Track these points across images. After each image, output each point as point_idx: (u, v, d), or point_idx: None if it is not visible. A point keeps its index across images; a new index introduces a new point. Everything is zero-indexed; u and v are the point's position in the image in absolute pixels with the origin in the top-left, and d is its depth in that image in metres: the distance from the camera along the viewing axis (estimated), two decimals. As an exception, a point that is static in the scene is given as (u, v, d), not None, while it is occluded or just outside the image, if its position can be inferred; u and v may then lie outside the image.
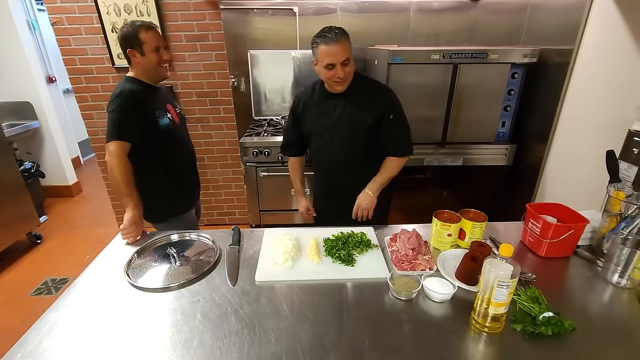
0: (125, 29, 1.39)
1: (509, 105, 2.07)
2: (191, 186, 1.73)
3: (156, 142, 1.47)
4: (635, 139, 1.24)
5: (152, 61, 1.42)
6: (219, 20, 2.44)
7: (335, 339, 0.83)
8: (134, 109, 1.38)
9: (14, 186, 2.62)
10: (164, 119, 1.48)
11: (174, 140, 1.55)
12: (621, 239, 0.99)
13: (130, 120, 1.37)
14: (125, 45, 1.40)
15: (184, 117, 1.72)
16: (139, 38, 1.38)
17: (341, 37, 1.31)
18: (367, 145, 1.49)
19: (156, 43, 1.42)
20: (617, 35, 1.44)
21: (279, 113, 2.76)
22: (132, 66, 1.46)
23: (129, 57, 1.42)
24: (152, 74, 1.47)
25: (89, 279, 1.07)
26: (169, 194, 1.59)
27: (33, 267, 2.57)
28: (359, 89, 1.44)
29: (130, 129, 1.37)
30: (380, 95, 1.46)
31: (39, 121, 3.32)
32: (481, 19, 2.57)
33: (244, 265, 1.11)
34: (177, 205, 1.63)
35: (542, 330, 0.81)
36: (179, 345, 0.81)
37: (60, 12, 2.35)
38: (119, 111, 1.36)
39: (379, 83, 1.52)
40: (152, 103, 1.47)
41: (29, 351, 0.81)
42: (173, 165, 1.58)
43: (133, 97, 1.39)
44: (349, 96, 1.44)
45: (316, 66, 1.38)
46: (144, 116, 1.42)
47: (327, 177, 1.66)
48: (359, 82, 1.44)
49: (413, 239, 1.11)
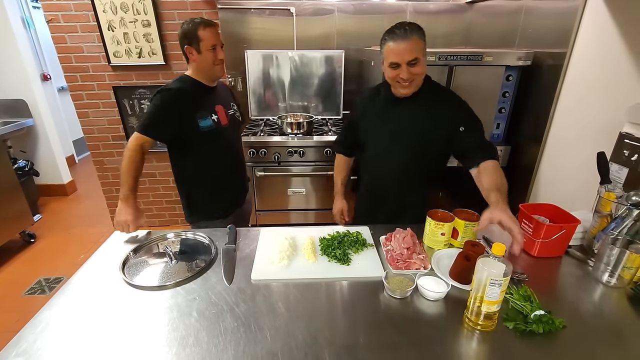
0: (185, 25, 1.38)
1: (504, 107, 2.09)
2: (233, 191, 1.68)
3: (196, 143, 1.45)
4: (625, 141, 1.26)
5: (208, 60, 1.40)
6: (216, 19, 2.44)
7: (330, 336, 0.83)
8: (172, 107, 1.37)
9: (7, 185, 2.59)
10: (207, 120, 1.44)
11: (217, 143, 1.51)
12: (611, 239, 1.01)
13: (163, 117, 1.37)
14: (184, 42, 1.39)
15: (238, 120, 1.66)
16: (197, 35, 1.36)
17: (412, 33, 1.15)
18: (428, 161, 1.36)
19: (213, 41, 1.38)
20: (609, 39, 1.47)
21: (275, 113, 2.77)
22: (189, 64, 1.44)
23: (186, 54, 1.41)
24: (207, 72, 1.44)
25: (84, 277, 1.07)
26: (208, 197, 1.57)
27: (27, 266, 2.55)
28: (432, 96, 1.30)
29: (158, 126, 1.37)
30: (455, 109, 1.30)
31: (34, 119, 3.30)
32: (476, 21, 2.60)
33: (240, 264, 1.11)
34: (215, 210, 1.59)
35: (534, 328, 0.83)
36: (175, 343, 0.82)
37: (56, 10, 2.34)
38: (155, 105, 1.36)
39: (454, 94, 1.35)
40: (200, 103, 1.44)
41: (24, 349, 0.80)
42: (214, 167, 1.54)
43: (177, 94, 1.38)
44: (418, 102, 1.28)
45: (382, 65, 1.26)
46: (184, 116, 1.39)
47: (376, 190, 1.47)
48: (430, 88, 1.31)
49: (408, 238, 1.13)
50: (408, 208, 1.40)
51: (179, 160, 1.53)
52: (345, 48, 2.59)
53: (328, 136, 2.34)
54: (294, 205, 2.50)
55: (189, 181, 1.56)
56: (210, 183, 1.56)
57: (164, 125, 1.38)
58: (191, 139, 1.44)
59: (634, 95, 1.35)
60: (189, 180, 1.55)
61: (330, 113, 2.80)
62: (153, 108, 1.37)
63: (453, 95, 1.35)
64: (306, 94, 2.75)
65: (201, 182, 1.55)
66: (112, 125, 2.65)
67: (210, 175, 1.55)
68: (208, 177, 1.55)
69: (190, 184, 1.56)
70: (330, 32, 2.64)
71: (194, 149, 1.47)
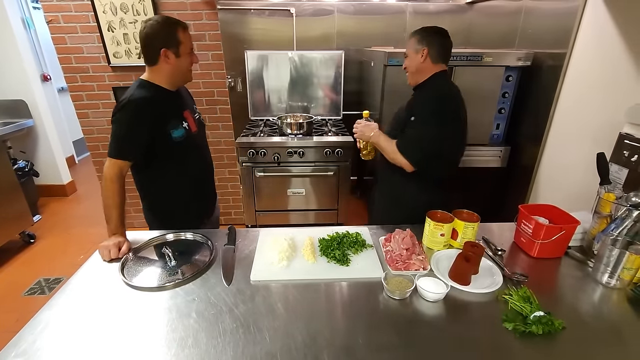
0: (156, 25, 1.22)
1: (504, 107, 2.09)
2: (203, 200, 1.56)
3: (167, 154, 1.33)
4: (625, 142, 1.26)
5: (187, 64, 1.29)
6: (215, 20, 2.44)
7: (329, 337, 0.83)
8: (142, 120, 1.22)
9: (7, 185, 2.59)
10: (179, 129, 1.32)
11: (187, 151, 1.38)
12: (611, 240, 1.01)
13: (134, 135, 1.23)
14: (159, 44, 1.22)
15: (203, 124, 1.53)
16: (177, 37, 1.23)
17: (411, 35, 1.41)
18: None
19: (191, 45, 1.29)
20: (608, 40, 1.47)
21: (275, 113, 2.77)
22: (156, 68, 1.27)
23: (157, 57, 1.24)
24: (180, 77, 1.32)
25: (84, 277, 1.07)
26: (177, 208, 1.44)
27: (26, 267, 2.55)
28: (426, 89, 1.42)
29: (132, 146, 1.24)
30: (424, 101, 1.40)
31: (33, 120, 3.29)
32: (476, 22, 2.60)
33: (239, 265, 1.11)
34: (184, 220, 1.40)
35: (533, 329, 0.83)
36: (174, 344, 0.81)
37: (56, 11, 2.34)
38: (123, 124, 1.21)
39: (438, 89, 1.41)
40: (167, 112, 1.30)
41: (23, 349, 0.80)
42: (184, 177, 1.41)
43: (144, 107, 1.23)
44: (416, 94, 1.47)
45: None
46: (155, 128, 1.25)
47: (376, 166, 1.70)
48: (432, 83, 1.40)
49: (407, 239, 1.12)
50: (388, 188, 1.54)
51: (146, 173, 1.36)
52: (345, 48, 2.60)
53: (328, 137, 2.34)
54: (293, 205, 2.50)
55: (157, 192, 1.41)
56: (180, 193, 1.42)
57: (138, 143, 1.24)
58: (163, 151, 1.30)
59: (633, 96, 1.35)
60: (157, 191, 1.41)
61: (330, 114, 2.80)
62: (122, 127, 1.21)
63: (437, 91, 1.40)
64: (306, 95, 2.75)
65: (171, 193, 1.41)
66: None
67: (183, 186, 1.42)
68: (180, 189, 1.42)
69: (158, 195, 1.41)
70: (330, 32, 2.65)
71: (164, 162, 1.34)
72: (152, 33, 1.22)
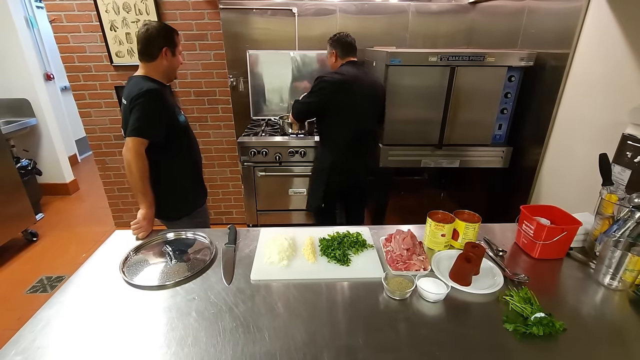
0: (159, 26, 1.44)
1: (506, 108, 2.08)
2: (202, 184, 1.76)
3: (176, 139, 1.51)
4: (628, 143, 1.25)
5: (177, 63, 1.52)
6: (217, 20, 2.44)
7: (329, 337, 0.83)
8: (159, 107, 1.42)
9: (10, 183, 2.61)
10: (181, 116, 1.54)
11: (189, 134, 1.61)
12: (613, 241, 1.00)
13: (154, 118, 1.40)
14: (162, 43, 1.43)
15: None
16: (174, 39, 1.47)
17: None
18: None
19: (181, 48, 1.54)
20: (612, 40, 1.46)
21: (277, 113, 2.77)
22: (154, 64, 1.46)
23: (157, 54, 1.44)
24: (172, 73, 1.54)
25: (85, 276, 1.07)
26: (184, 192, 1.61)
27: (28, 265, 2.57)
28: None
29: (152, 127, 1.40)
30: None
31: (36, 118, 3.31)
32: (479, 22, 2.59)
33: (240, 264, 1.11)
34: (190, 204, 1.65)
35: (534, 330, 0.82)
36: (174, 343, 0.82)
37: (59, 10, 2.35)
38: (145, 108, 1.37)
39: (328, 72, 1.95)
40: (171, 101, 1.52)
41: (23, 348, 0.80)
42: (189, 161, 1.63)
43: (160, 93, 1.42)
44: None
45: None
46: (167, 113, 1.45)
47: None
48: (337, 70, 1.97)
49: (408, 239, 1.12)
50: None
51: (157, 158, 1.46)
52: (347, 48, 2.59)
53: (329, 136, 2.34)
54: (294, 205, 2.50)
55: (166, 177, 1.53)
56: (187, 177, 1.62)
57: (157, 125, 1.41)
58: (175, 134, 1.50)
59: (637, 97, 1.34)
60: (167, 177, 1.53)
61: (332, 113, 2.79)
62: (145, 109, 1.37)
63: (324, 73, 1.95)
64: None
65: (179, 177, 1.58)
66: (114, 124, 2.66)
67: (187, 169, 1.63)
68: (185, 171, 1.61)
69: (167, 181, 1.54)
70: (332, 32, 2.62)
71: (174, 145, 1.51)
72: (156, 32, 1.43)
